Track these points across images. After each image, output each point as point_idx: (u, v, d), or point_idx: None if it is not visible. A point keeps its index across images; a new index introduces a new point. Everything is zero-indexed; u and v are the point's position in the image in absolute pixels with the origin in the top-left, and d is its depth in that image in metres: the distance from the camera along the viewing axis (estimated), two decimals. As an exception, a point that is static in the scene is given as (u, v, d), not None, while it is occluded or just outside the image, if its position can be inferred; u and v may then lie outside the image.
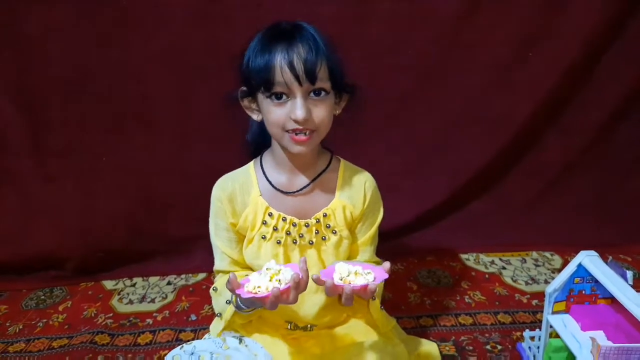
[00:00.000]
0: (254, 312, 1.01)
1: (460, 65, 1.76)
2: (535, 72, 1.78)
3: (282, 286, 0.82)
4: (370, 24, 1.67)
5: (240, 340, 1.00)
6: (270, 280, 0.84)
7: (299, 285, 0.83)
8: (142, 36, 1.59)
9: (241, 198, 1.04)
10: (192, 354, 0.94)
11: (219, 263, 1.10)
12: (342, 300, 0.87)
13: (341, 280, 0.85)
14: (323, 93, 0.92)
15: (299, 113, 0.88)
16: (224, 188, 1.05)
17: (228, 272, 1.07)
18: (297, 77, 0.87)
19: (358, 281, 0.84)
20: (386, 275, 0.86)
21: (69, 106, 1.64)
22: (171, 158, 1.74)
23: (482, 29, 1.71)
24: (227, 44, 1.54)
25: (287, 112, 0.90)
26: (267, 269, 0.86)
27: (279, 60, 0.87)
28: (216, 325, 1.11)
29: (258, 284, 0.83)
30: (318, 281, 0.86)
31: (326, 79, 0.91)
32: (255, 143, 1.10)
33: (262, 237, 1.04)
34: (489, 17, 1.70)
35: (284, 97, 0.90)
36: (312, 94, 0.91)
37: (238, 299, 0.97)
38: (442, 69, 1.76)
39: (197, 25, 1.59)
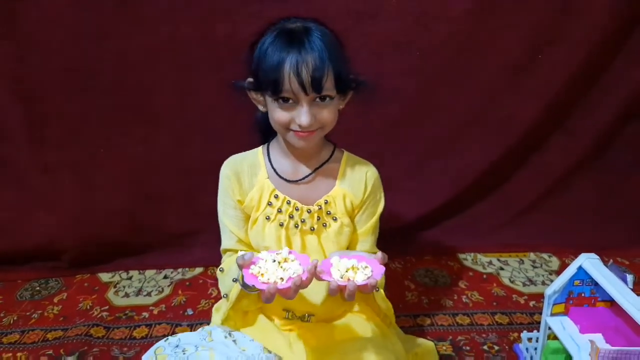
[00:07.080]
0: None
1: (468, 66, 1.74)
2: (543, 75, 1.75)
3: (284, 284, 0.82)
4: (377, 22, 1.64)
5: (229, 334, 0.99)
6: (277, 268, 0.83)
7: (301, 286, 0.84)
8: (142, 29, 1.57)
9: (248, 179, 1.07)
10: (177, 346, 0.93)
11: (227, 242, 1.11)
12: (344, 296, 0.86)
13: (341, 277, 0.85)
14: (328, 99, 0.95)
15: (304, 119, 0.92)
16: (232, 166, 1.08)
17: (236, 251, 1.09)
18: (303, 87, 0.90)
19: (358, 278, 0.84)
20: (383, 268, 0.87)
21: (68, 98, 1.63)
22: (170, 152, 1.73)
23: (492, 30, 1.69)
24: (228, 38, 1.57)
25: (292, 116, 0.94)
26: (277, 253, 0.86)
27: (288, 68, 0.89)
28: (221, 306, 1.12)
29: (264, 270, 0.83)
30: (317, 277, 0.86)
31: (332, 88, 0.94)
32: (264, 124, 1.09)
33: (266, 218, 1.06)
34: (500, 19, 1.67)
35: (290, 101, 0.93)
36: (317, 99, 0.94)
37: (244, 277, 0.95)
38: (449, 70, 1.74)
39: (197, 19, 1.58)
